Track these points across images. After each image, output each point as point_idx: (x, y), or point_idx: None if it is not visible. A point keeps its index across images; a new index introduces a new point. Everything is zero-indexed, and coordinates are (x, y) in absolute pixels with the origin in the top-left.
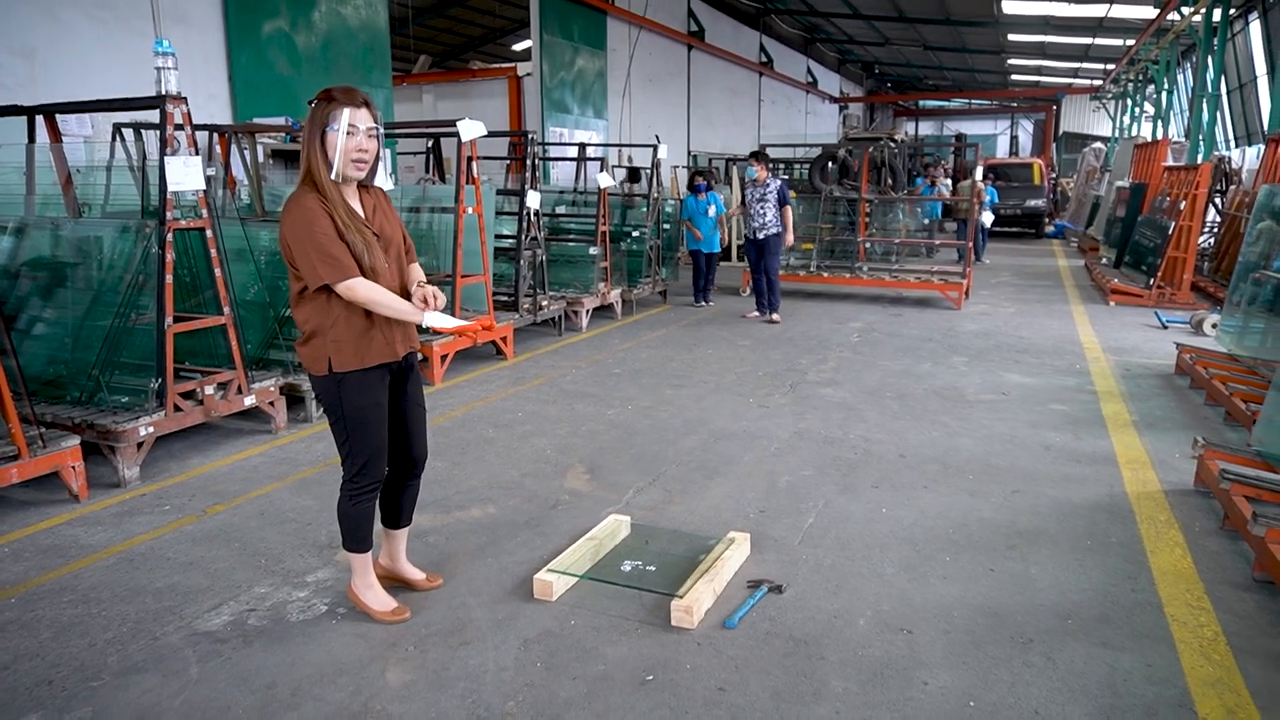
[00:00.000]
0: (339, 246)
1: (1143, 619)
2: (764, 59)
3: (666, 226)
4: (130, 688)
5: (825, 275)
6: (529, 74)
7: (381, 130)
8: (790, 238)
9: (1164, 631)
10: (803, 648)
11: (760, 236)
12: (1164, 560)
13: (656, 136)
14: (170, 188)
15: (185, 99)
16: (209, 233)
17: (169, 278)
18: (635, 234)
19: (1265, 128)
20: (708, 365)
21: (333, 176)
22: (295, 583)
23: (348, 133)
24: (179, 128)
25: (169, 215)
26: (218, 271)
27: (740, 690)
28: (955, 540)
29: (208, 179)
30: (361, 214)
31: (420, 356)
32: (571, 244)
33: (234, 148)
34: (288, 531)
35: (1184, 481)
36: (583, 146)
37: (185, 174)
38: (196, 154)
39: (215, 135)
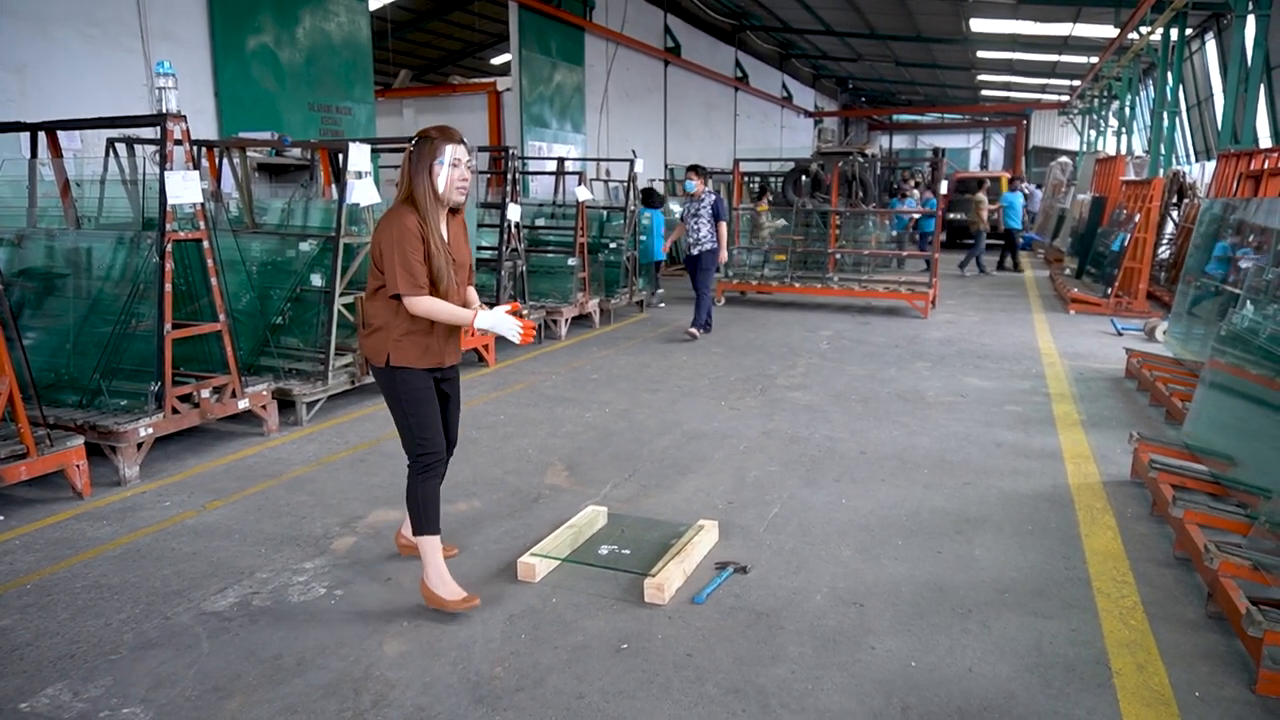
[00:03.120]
0: (421, 265)
1: (1072, 592)
2: (739, 74)
3: (643, 239)
4: (147, 659)
5: (797, 285)
6: (508, 89)
7: (475, 161)
8: (724, 254)
9: (1089, 602)
10: (764, 619)
11: (694, 252)
12: (1096, 542)
13: (633, 151)
14: (170, 201)
15: (185, 117)
16: (206, 243)
17: (168, 286)
18: (613, 246)
19: (1219, 143)
20: (682, 371)
21: (442, 202)
22: (294, 569)
23: (452, 165)
24: (178, 144)
25: (168, 227)
26: (214, 280)
27: (706, 655)
28: (908, 527)
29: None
30: (445, 238)
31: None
32: (551, 255)
33: (223, 161)
34: (284, 524)
35: (1122, 474)
36: (561, 161)
37: (184, 188)
38: (195, 169)
39: (204, 150)
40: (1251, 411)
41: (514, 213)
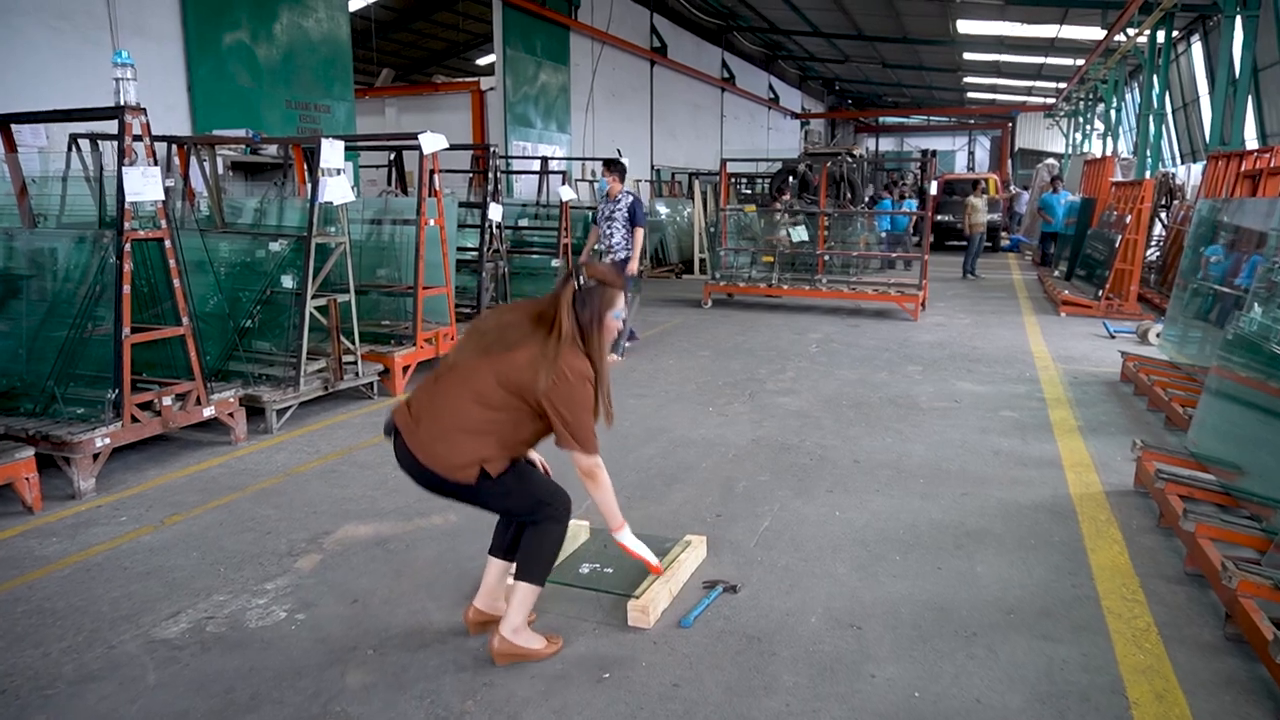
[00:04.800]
0: (593, 419)
1: (1081, 612)
2: (726, 75)
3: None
4: (86, 695)
5: (785, 287)
6: (492, 88)
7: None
8: (634, 266)
9: (1100, 624)
10: (755, 644)
11: (606, 260)
12: (1103, 557)
13: (618, 150)
14: (128, 198)
15: (144, 110)
16: (168, 243)
17: (126, 288)
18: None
19: (1207, 145)
20: (668, 375)
21: (608, 355)
22: (254, 590)
23: (621, 316)
24: (137, 138)
25: (127, 225)
26: (176, 282)
27: (694, 685)
28: (905, 540)
29: (167, 190)
30: None
31: (381, 368)
32: (534, 256)
33: (193, 159)
34: (247, 541)
35: (1124, 483)
36: (545, 160)
37: (144, 184)
38: (155, 165)
39: (174, 146)
40: (1261, 418)
41: (495, 212)
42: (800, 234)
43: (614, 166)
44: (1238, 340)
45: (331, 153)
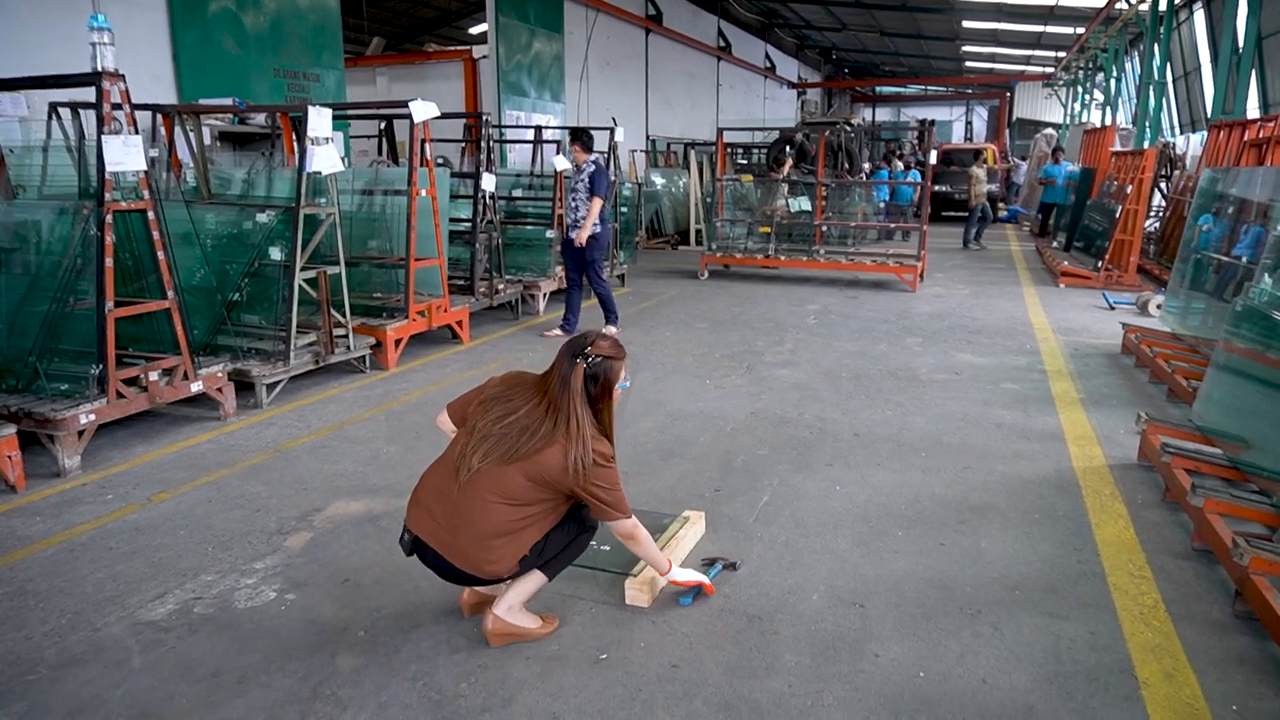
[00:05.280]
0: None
1: (1087, 589)
2: (722, 43)
3: (624, 210)
4: (68, 680)
5: (783, 259)
6: (484, 56)
7: None
8: (584, 234)
9: (1107, 601)
10: (756, 623)
11: (572, 235)
12: (1108, 532)
13: (613, 119)
14: (109, 168)
15: (123, 76)
16: (151, 215)
17: (109, 261)
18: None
19: (1209, 114)
20: (665, 347)
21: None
22: (243, 570)
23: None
24: (117, 106)
25: (108, 196)
26: (161, 255)
27: (693, 666)
28: (907, 516)
29: (151, 160)
30: None
31: (373, 341)
32: (528, 227)
33: (179, 129)
34: (235, 519)
35: (1128, 456)
36: (539, 129)
37: (125, 154)
38: (137, 133)
39: (158, 116)
40: (1271, 393)
41: (489, 183)
42: (802, 204)
43: (579, 136)
44: (1246, 312)
45: (319, 121)
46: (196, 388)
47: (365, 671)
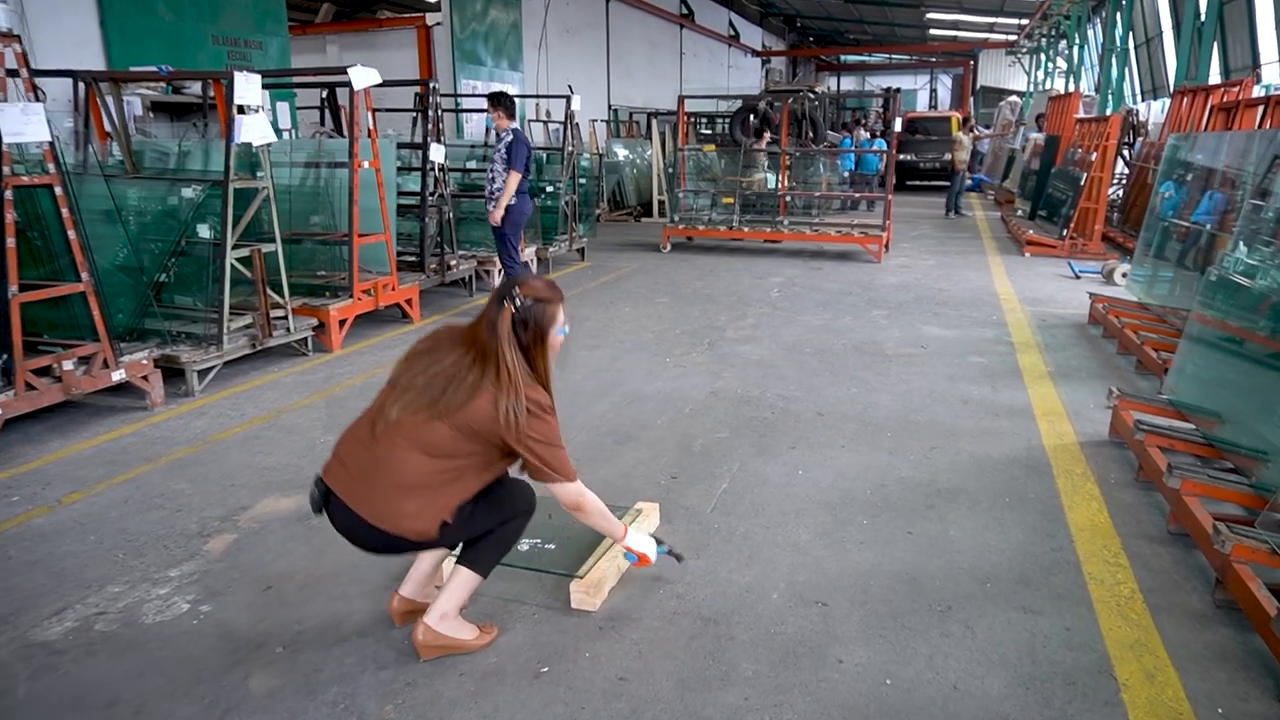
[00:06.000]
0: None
1: (1061, 579)
2: (685, 11)
3: (583, 181)
4: None
5: (746, 230)
6: (439, 23)
7: None
8: (497, 215)
9: (1082, 591)
10: (711, 627)
11: (490, 207)
12: (1081, 515)
13: (569, 86)
14: (6, 139)
15: (18, 37)
16: (59, 190)
17: (10, 241)
18: (550, 189)
19: (1171, 82)
20: (624, 324)
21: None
22: (155, 579)
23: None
24: (12, 72)
25: (6, 170)
26: (72, 233)
27: (643, 680)
28: (873, 502)
29: (79, 134)
30: None
31: (315, 322)
32: (483, 200)
33: (86, 94)
34: (153, 520)
35: (1099, 432)
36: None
37: (24, 123)
38: (38, 101)
39: (78, 84)
40: (1247, 366)
41: (437, 153)
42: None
43: (500, 100)
44: (1221, 282)
45: (247, 88)
46: (118, 376)
47: (280, 695)
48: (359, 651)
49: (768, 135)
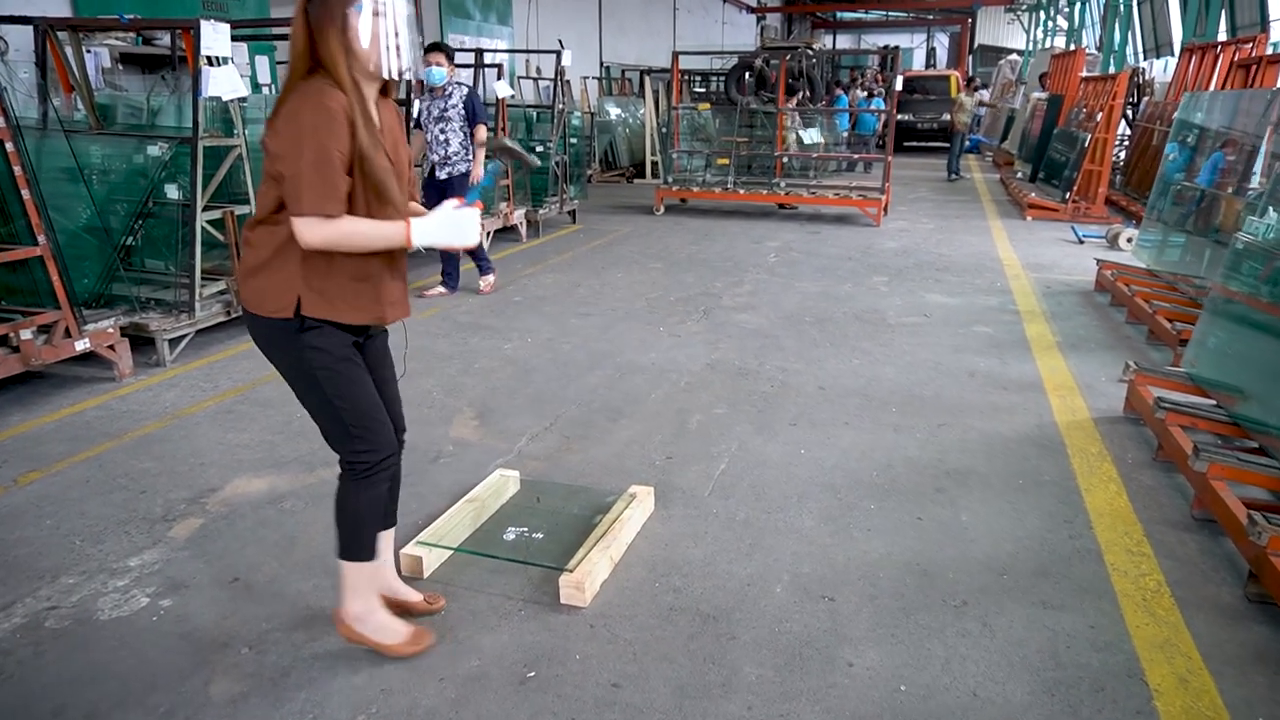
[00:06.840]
0: (343, 172)
1: (1082, 570)
2: None
3: (574, 141)
4: None
5: (742, 192)
6: None
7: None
8: (478, 170)
9: (1105, 584)
10: (711, 625)
11: (442, 175)
12: (1099, 499)
13: (559, 41)
14: None
15: None
16: (10, 146)
17: None
18: (540, 149)
19: (1176, 40)
20: (616, 290)
21: (371, 73)
22: (114, 569)
23: (376, 13)
24: None
25: None
26: (26, 193)
27: (637, 686)
28: (879, 484)
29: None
30: (380, 127)
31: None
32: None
33: (45, 43)
34: (115, 503)
35: (1113, 408)
36: (479, 53)
37: None
38: None
39: (35, 31)
40: (1274, 339)
41: (416, 109)
42: (813, 135)
43: (439, 49)
44: (1248, 250)
45: (214, 38)
46: (82, 346)
47: (243, 703)
48: (332, 652)
49: (799, 95)
